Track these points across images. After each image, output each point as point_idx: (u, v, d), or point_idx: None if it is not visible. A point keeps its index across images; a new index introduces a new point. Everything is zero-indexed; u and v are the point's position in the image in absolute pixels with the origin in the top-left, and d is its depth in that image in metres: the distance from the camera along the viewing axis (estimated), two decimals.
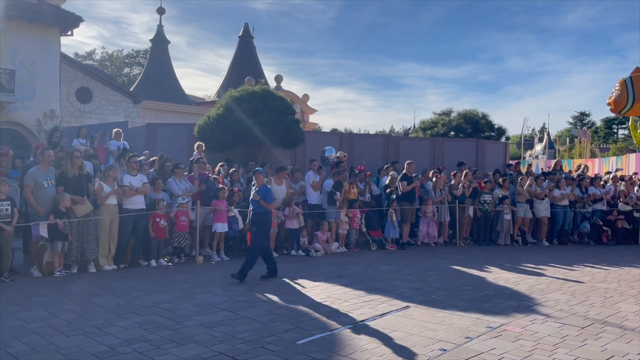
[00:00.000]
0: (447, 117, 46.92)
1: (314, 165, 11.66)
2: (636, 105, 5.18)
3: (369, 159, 14.48)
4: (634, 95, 5.13)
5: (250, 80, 19.95)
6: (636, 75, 5.17)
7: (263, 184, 8.38)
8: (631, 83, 5.11)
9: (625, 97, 5.13)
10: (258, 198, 8.06)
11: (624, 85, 5.16)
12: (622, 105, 5.18)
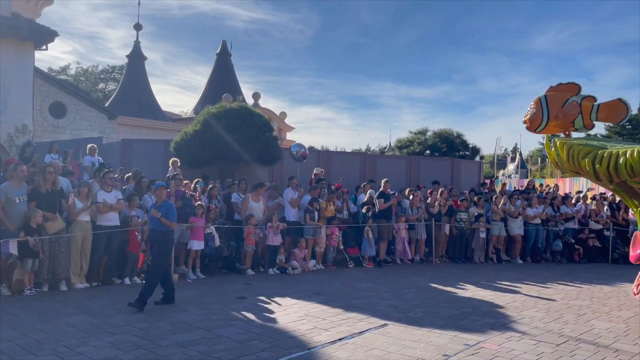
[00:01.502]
0: (423, 136, 47.55)
1: (292, 182, 11.66)
2: (550, 123, 5.34)
3: (346, 177, 14.55)
4: (549, 114, 5.27)
5: (228, 97, 19.93)
6: (551, 94, 5.32)
7: (165, 200, 7.57)
8: (546, 102, 5.27)
9: (540, 115, 5.29)
10: (159, 215, 7.21)
11: (539, 104, 5.32)
12: (537, 124, 5.33)
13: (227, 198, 11.57)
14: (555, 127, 5.45)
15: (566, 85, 5.39)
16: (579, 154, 5.04)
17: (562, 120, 5.31)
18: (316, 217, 11.25)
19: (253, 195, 10.89)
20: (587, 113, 5.33)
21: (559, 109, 5.25)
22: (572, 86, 5.38)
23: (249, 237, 10.37)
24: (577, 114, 5.30)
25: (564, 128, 5.41)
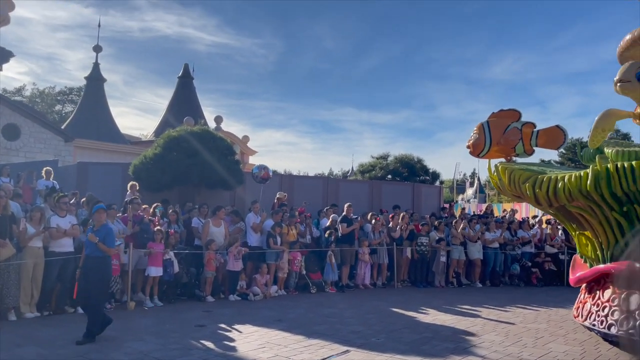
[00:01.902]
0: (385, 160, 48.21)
1: (255, 207, 11.56)
2: (493, 148, 5.53)
3: (308, 201, 14.54)
4: (491, 140, 5.46)
5: (190, 121, 19.74)
6: (493, 120, 5.52)
7: (104, 224, 7.11)
8: (488, 127, 5.46)
9: (483, 141, 5.47)
10: (96, 240, 6.73)
11: (481, 129, 5.50)
12: (480, 149, 5.52)
13: (187, 223, 11.37)
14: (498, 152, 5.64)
15: (507, 111, 5.60)
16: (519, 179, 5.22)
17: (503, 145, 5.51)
18: (279, 242, 11.15)
19: (214, 220, 10.73)
20: (527, 139, 5.55)
21: (501, 135, 5.46)
22: (513, 113, 5.60)
23: (209, 262, 10.17)
24: (518, 140, 5.52)
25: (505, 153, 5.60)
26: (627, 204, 4.80)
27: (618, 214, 4.89)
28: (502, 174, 5.40)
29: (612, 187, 4.63)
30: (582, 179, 4.75)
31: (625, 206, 4.81)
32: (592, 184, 4.66)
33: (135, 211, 10.24)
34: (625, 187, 4.58)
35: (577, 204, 5.08)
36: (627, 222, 4.90)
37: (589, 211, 5.10)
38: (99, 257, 6.82)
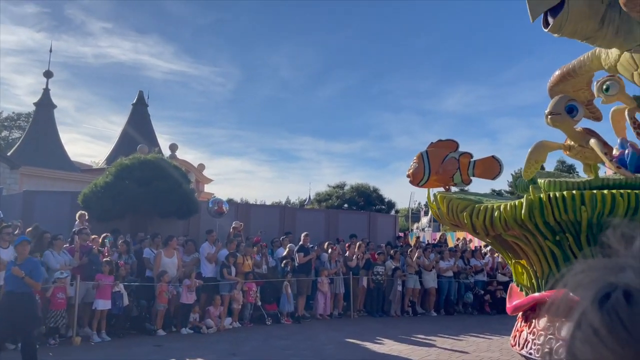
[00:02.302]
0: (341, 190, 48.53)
1: (211, 236, 11.35)
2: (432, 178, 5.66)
3: (264, 230, 14.41)
4: (430, 169, 5.57)
5: (143, 149, 19.36)
6: (431, 149, 5.65)
7: (28, 257, 6.76)
8: (427, 157, 5.55)
9: (422, 170, 5.58)
10: (22, 274, 6.35)
11: (421, 159, 5.58)
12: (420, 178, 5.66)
13: (138, 253, 11.04)
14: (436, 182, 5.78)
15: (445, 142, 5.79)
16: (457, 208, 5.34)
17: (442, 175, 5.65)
18: (233, 272, 10.95)
19: (166, 250, 10.46)
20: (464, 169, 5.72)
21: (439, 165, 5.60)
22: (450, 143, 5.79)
23: (161, 295, 9.86)
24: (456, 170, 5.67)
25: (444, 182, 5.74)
26: (560, 233, 4.97)
27: (551, 243, 5.06)
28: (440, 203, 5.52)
29: (545, 216, 4.80)
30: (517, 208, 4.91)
31: (557, 235, 4.99)
32: (527, 213, 4.82)
33: (84, 242, 9.88)
34: (557, 217, 4.75)
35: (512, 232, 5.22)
36: (560, 250, 5.08)
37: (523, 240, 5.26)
38: (23, 293, 6.43)
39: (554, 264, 5.08)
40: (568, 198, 4.64)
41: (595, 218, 4.63)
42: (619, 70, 5.88)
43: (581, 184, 5.32)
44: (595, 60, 6.21)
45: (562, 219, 4.75)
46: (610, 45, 5.52)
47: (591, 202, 4.58)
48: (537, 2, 4.94)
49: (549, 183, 5.41)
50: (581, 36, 5.24)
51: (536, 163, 5.13)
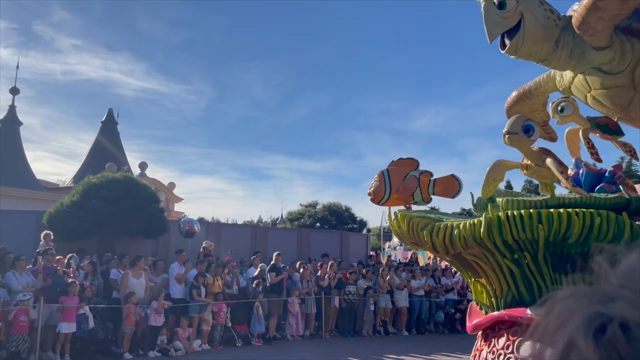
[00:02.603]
0: (313, 209, 48.54)
1: (180, 256, 11.16)
2: (393, 196, 5.55)
3: (234, 249, 14.26)
4: (391, 187, 5.53)
5: (112, 167, 19.06)
6: (392, 168, 5.59)
7: None
8: (388, 175, 5.49)
9: (383, 188, 5.48)
10: None
11: (382, 177, 5.51)
12: (381, 196, 5.65)
13: (105, 274, 10.78)
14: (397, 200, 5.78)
15: (406, 160, 5.83)
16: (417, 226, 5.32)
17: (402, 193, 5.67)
18: (203, 293, 10.77)
19: (133, 270, 10.24)
20: (424, 187, 5.75)
21: (400, 183, 5.62)
22: (411, 162, 5.83)
23: (128, 317, 9.61)
24: (416, 188, 5.72)
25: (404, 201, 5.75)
26: (518, 251, 5.01)
27: (510, 261, 5.09)
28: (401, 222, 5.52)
29: (503, 234, 4.83)
30: (475, 227, 4.93)
31: (516, 253, 5.03)
32: (485, 232, 4.83)
33: (49, 262, 9.59)
34: (515, 235, 4.80)
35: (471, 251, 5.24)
36: (518, 269, 5.13)
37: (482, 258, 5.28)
38: None
39: (512, 282, 5.13)
40: (525, 217, 4.66)
41: (552, 236, 4.73)
42: (573, 92, 6.10)
43: (538, 202, 5.42)
44: (550, 82, 6.45)
45: (520, 238, 4.80)
46: (564, 67, 5.73)
47: (548, 220, 4.61)
48: (494, 25, 5.11)
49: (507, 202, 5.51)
50: (537, 58, 5.43)
51: (494, 182, 5.22)
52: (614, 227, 4.79)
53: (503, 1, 4.87)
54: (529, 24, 4.98)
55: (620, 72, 5.35)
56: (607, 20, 4.79)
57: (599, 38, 5.04)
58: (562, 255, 5.08)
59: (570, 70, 5.77)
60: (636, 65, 5.30)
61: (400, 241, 6.21)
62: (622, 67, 5.31)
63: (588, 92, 5.85)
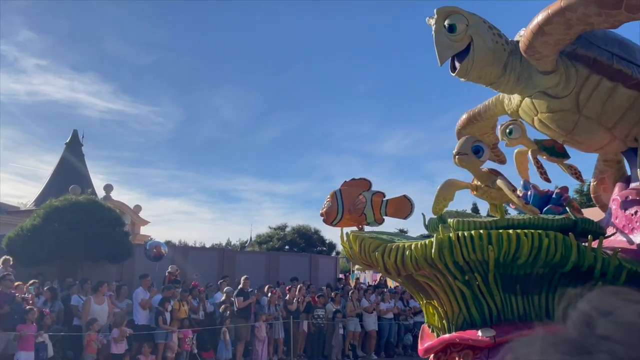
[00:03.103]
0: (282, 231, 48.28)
1: (145, 281, 10.90)
2: (345, 217, 5.34)
3: (199, 274, 14.03)
4: (343, 208, 5.38)
5: (76, 190, 18.62)
6: (345, 188, 5.44)
7: None
8: (340, 196, 5.35)
9: (335, 209, 5.32)
10: None
11: (334, 197, 5.36)
12: (333, 217, 5.52)
13: (66, 300, 10.44)
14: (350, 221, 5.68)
15: (358, 180, 5.76)
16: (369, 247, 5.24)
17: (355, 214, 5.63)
18: (168, 319, 10.52)
19: (96, 296, 9.94)
20: (377, 208, 5.70)
21: (352, 203, 5.60)
22: (363, 182, 5.76)
23: (89, 345, 9.30)
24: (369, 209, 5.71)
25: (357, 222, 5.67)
26: (469, 273, 4.98)
27: (461, 283, 5.06)
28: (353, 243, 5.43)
29: (454, 255, 4.77)
30: (427, 248, 4.88)
31: (466, 274, 5.02)
32: (436, 253, 4.77)
33: (7, 289, 9.23)
34: (466, 256, 4.76)
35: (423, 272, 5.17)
36: (469, 290, 5.08)
37: (434, 280, 5.23)
38: None
39: (463, 304, 5.09)
40: (476, 237, 4.59)
41: (502, 257, 4.80)
42: (520, 115, 6.31)
43: (488, 223, 5.45)
44: (499, 105, 6.66)
45: (470, 258, 4.77)
46: (512, 91, 5.91)
47: (498, 241, 4.54)
48: (445, 47, 5.25)
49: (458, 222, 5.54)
50: (486, 81, 5.58)
51: (444, 200, 5.24)
52: (562, 248, 4.88)
53: (453, 24, 5.04)
54: (478, 47, 5.12)
55: (565, 96, 5.50)
56: (552, 45, 4.96)
57: (545, 62, 5.21)
58: (512, 276, 5.16)
59: (518, 93, 5.97)
60: (580, 90, 5.45)
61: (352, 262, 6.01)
62: (567, 92, 5.47)
63: (535, 115, 6.06)
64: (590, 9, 4.49)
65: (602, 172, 7.20)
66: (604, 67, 5.34)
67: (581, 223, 5.60)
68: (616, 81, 5.39)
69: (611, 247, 5.50)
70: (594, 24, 4.69)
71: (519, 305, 5.20)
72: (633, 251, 5.54)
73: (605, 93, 5.45)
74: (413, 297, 14.70)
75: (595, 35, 5.55)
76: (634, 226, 5.74)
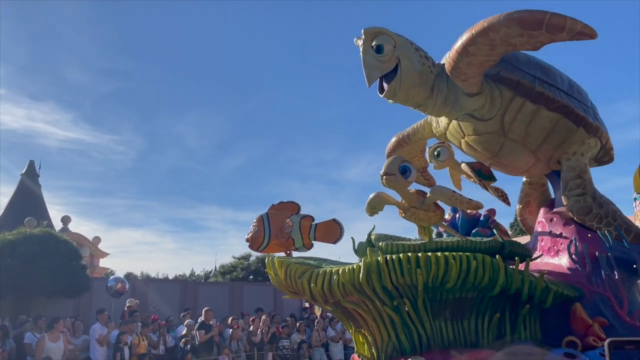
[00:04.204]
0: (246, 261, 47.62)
1: (102, 316, 10.53)
2: (272, 242, 5.22)
3: (157, 306, 13.65)
4: (270, 232, 5.20)
5: (31, 222, 17.98)
6: (272, 212, 5.31)
7: None
8: (268, 220, 5.22)
9: (262, 234, 5.18)
10: None
11: (261, 222, 5.22)
12: (259, 242, 5.21)
13: (19, 338, 9.98)
14: (277, 246, 5.38)
15: (286, 204, 5.46)
16: (295, 273, 4.97)
17: (282, 238, 5.39)
18: (127, 355, 10.15)
19: (50, 334, 9.53)
20: (305, 232, 5.37)
21: (280, 228, 5.36)
22: (292, 205, 5.48)
23: None
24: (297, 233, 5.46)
25: (285, 247, 5.40)
26: (398, 298, 4.71)
27: (389, 309, 4.80)
28: (278, 269, 5.15)
29: (382, 280, 4.55)
30: (354, 272, 4.59)
31: (395, 300, 4.71)
32: (364, 278, 4.53)
33: None
34: (394, 280, 4.54)
35: (350, 299, 4.89)
36: (398, 317, 4.77)
37: (362, 307, 4.96)
38: None
39: (393, 331, 4.81)
40: (404, 261, 4.52)
41: (430, 281, 4.57)
42: (448, 138, 6.34)
43: (417, 246, 5.20)
44: (427, 128, 6.68)
45: (399, 283, 4.58)
46: (439, 113, 5.93)
47: (426, 264, 4.51)
48: (372, 68, 5.13)
49: (387, 245, 5.38)
50: (413, 103, 5.56)
51: (373, 209, 5.14)
52: (490, 270, 4.69)
53: (381, 45, 5.05)
54: (405, 68, 5.12)
55: (490, 118, 5.59)
56: (476, 66, 5.01)
57: (470, 84, 5.26)
58: (441, 301, 4.87)
59: (445, 116, 5.97)
60: (505, 112, 5.56)
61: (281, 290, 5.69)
62: (492, 114, 5.56)
63: (462, 138, 6.09)
64: (513, 30, 4.55)
65: (527, 195, 7.28)
66: (527, 89, 5.43)
67: (508, 245, 5.59)
68: (539, 104, 5.49)
69: (538, 269, 5.53)
70: (516, 45, 4.75)
71: (449, 331, 5.02)
72: (559, 273, 5.59)
73: (528, 115, 5.55)
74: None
75: (518, 59, 5.65)
76: (559, 248, 5.79)
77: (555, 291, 4.96)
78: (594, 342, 4.73)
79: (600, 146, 6.12)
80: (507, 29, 4.57)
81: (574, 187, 5.73)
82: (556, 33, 4.50)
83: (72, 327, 10.54)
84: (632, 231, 5.60)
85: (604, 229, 5.51)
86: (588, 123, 5.75)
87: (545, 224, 6.20)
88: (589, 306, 5.13)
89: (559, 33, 4.48)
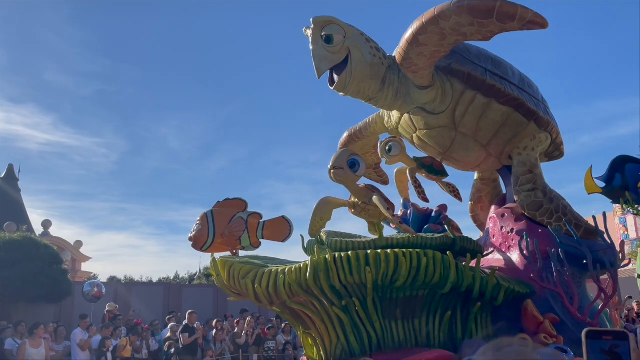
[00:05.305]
0: None
1: (84, 322, 10.42)
2: (217, 241, 4.89)
3: (137, 309, 13.52)
4: (215, 231, 4.87)
5: (11, 226, 17.70)
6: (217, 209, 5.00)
7: None
8: (212, 218, 4.88)
9: (206, 232, 4.83)
10: None
11: (205, 220, 4.88)
12: (203, 241, 4.86)
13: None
14: (222, 245, 5.00)
15: (233, 200, 5.15)
16: (239, 274, 4.63)
17: (228, 237, 4.94)
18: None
19: (31, 340, 9.42)
20: (253, 230, 5.07)
21: (226, 226, 4.90)
22: (239, 202, 5.15)
23: None
24: (243, 231, 5.01)
25: (231, 246, 5.04)
26: (347, 297, 4.55)
27: (338, 309, 4.57)
28: (221, 269, 4.92)
29: (330, 279, 4.39)
30: (301, 271, 4.42)
31: (344, 299, 4.54)
32: (312, 277, 4.35)
33: None
34: (343, 279, 4.39)
35: (298, 299, 4.65)
36: (347, 317, 4.60)
37: (310, 307, 4.69)
38: None
39: (342, 332, 4.68)
40: (353, 259, 4.34)
41: (380, 279, 4.40)
42: (400, 132, 6.22)
43: (366, 243, 5.04)
44: (379, 122, 6.52)
45: (347, 282, 4.40)
46: (391, 107, 5.77)
47: (375, 262, 4.34)
48: (322, 59, 4.94)
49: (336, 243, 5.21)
50: (364, 96, 5.33)
51: (321, 220, 4.86)
52: (440, 267, 4.55)
53: (330, 35, 4.88)
54: (356, 60, 4.95)
55: (442, 112, 5.51)
56: (427, 57, 4.89)
57: (421, 76, 5.15)
58: (392, 299, 4.71)
59: (397, 110, 5.79)
60: (456, 106, 5.48)
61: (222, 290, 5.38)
62: (443, 107, 5.48)
63: (414, 132, 6.00)
64: (463, 18, 4.44)
65: (479, 190, 7.23)
66: (478, 82, 5.37)
67: (460, 241, 5.53)
68: (490, 97, 5.43)
69: (489, 266, 5.49)
70: (467, 35, 4.66)
71: (400, 331, 4.86)
72: (510, 269, 5.55)
73: (480, 109, 5.49)
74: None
75: (470, 52, 5.59)
76: (510, 244, 5.79)
77: (507, 288, 4.86)
78: (545, 340, 4.68)
79: (550, 141, 6.05)
80: (457, 17, 4.45)
81: (524, 182, 5.70)
82: (507, 22, 4.39)
83: (55, 333, 10.40)
84: (582, 226, 5.59)
85: (555, 224, 5.45)
86: (539, 117, 5.70)
87: (496, 219, 6.14)
88: (540, 303, 5.08)
89: (509, 22, 4.38)
